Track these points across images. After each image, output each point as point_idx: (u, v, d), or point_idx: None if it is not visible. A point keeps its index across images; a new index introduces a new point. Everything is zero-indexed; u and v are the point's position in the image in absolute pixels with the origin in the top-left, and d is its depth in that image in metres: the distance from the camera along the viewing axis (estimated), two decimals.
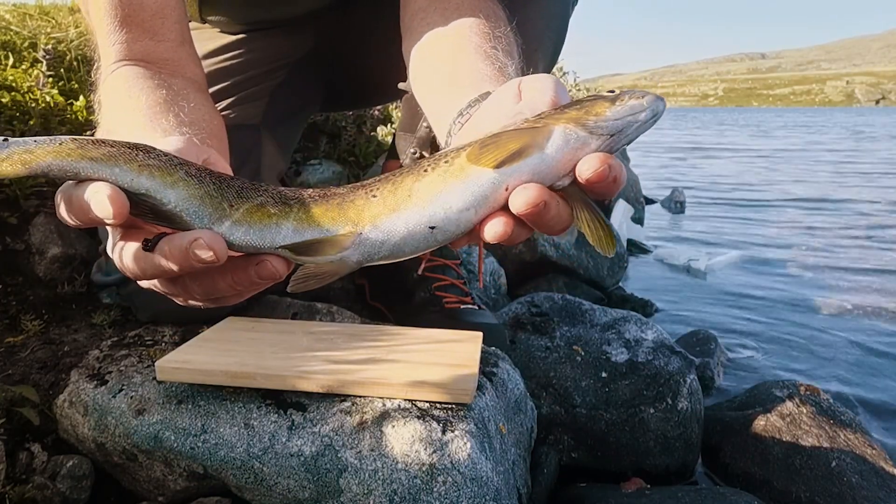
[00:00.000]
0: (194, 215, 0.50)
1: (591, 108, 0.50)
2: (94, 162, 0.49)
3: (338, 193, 0.53)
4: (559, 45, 1.13)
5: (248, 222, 0.51)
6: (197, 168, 0.52)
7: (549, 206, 0.48)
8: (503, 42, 0.75)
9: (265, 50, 1.20)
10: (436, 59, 0.78)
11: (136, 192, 0.49)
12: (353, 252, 0.52)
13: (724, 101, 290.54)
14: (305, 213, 0.52)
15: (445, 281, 1.28)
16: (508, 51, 0.74)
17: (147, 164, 0.50)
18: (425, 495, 0.72)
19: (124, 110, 0.70)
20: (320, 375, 0.80)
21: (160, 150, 0.52)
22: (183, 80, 0.78)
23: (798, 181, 6.45)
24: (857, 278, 2.74)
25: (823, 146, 12.12)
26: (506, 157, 0.49)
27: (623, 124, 0.50)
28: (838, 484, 1.09)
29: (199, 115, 0.71)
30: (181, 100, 0.71)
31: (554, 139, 0.49)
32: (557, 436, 1.19)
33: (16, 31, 1.59)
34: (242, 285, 0.52)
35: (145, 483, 0.84)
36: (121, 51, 0.76)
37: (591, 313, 1.38)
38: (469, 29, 0.76)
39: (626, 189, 3.59)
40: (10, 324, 1.07)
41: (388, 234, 0.51)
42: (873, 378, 1.75)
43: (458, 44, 0.75)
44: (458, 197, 0.50)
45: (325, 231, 0.51)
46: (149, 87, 0.72)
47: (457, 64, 0.73)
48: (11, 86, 1.28)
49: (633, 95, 0.51)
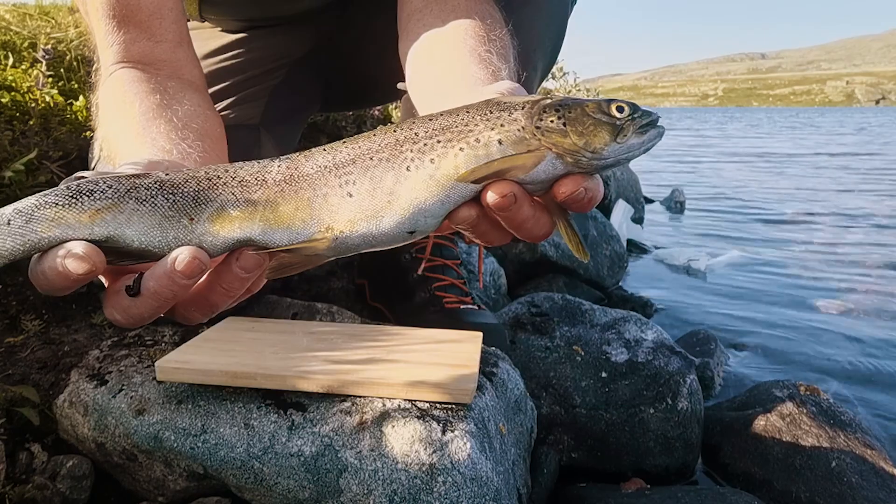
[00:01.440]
0: (160, 244, 0.49)
1: (591, 142, 0.50)
2: (48, 230, 0.46)
3: (306, 180, 0.51)
4: (558, 45, 1.13)
5: (212, 233, 0.50)
6: (147, 184, 0.49)
7: (521, 203, 0.50)
8: (498, 45, 0.75)
9: (265, 50, 1.20)
10: (431, 61, 0.78)
11: (97, 242, 0.47)
12: (328, 251, 0.52)
13: (724, 101, 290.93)
14: (273, 214, 0.51)
15: (445, 281, 1.28)
16: (503, 54, 0.74)
17: (96, 208, 0.47)
18: (425, 495, 0.72)
19: (119, 118, 0.71)
20: (320, 375, 0.80)
21: (107, 179, 0.49)
22: (179, 83, 0.78)
23: (798, 181, 6.45)
24: (858, 278, 2.74)
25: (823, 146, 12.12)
26: (494, 175, 0.50)
27: (615, 161, 0.51)
28: (838, 484, 1.09)
29: (192, 119, 0.71)
30: (175, 104, 0.71)
31: (545, 165, 0.50)
32: (557, 436, 1.19)
33: (16, 31, 1.59)
34: (232, 286, 0.51)
35: (145, 483, 0.84)
36: (118, 52, 0.76)
37: (591, 313, 1.38)
38: (464, 31, 0.76)
39: (626, 189, 3.59)
40: (10, 324, 1.07)
41: (365, 237, 0.51)
42: (873, 378, 1.75)
43: (453, 47, 0.75)
44: (439, 206, 0.51)
45: (297, 234, 0.51)
46: (143, 92, 0.72)
47: (451, 68, 0.73)
48: (11, 86, 1.28)
49: (636, 130, 0.51)
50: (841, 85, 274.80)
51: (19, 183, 1.15)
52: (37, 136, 1.19)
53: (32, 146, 1.16)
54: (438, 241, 1.28)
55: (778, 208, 4.67)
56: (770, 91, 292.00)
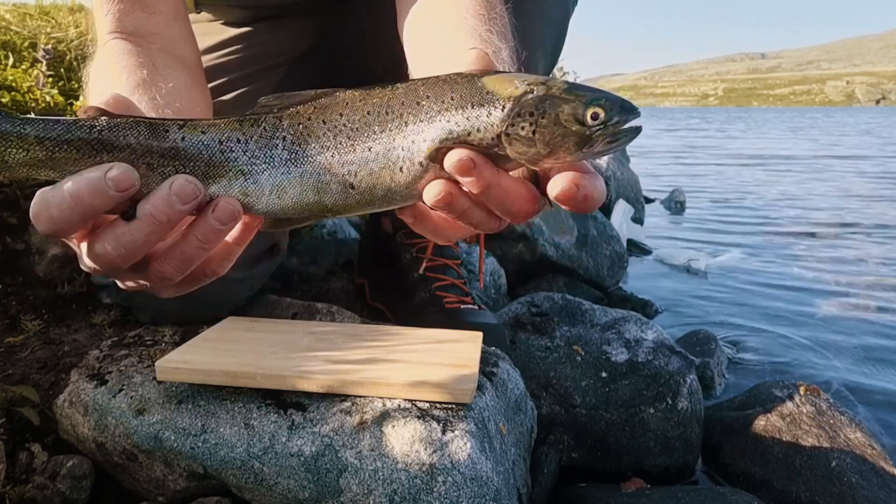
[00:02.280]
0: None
1: (555, 151, 0.48)
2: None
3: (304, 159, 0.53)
4: (559, 44, 1.13)
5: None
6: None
7: (482, 169, 0.48)
8: (498, 24, 0.74)
9: (265, 46, 1.20)
10: (432, 41, 0.77)
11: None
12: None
13: (724, 101, 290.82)
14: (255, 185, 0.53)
15: (446, 281, 1.28)
16: (503, 33, 0.73)
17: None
18: (425, 495, 0.72)
19: (104, 91, 0.70)
20: (320, 375, 0.80)
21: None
22: (169, 58, 0.78)
23: (798, 181, 6.45)
24: (858, 278, 2.74)
25: (825, 148, 12.12)
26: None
27: (572, 164, 0.50)
28: (838, 484, 1.09)
29: (175, 98, 0.71)
30: (160, 80, 0.71)
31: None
32: (557, 436, 1.19)
33: (16, 31, 1.59)
34: (207, 237, 0.51)
35: (145, 483, 0.84)
36: (112, 22, 0.76)
37: (591, 313, 1.38)
38: (465, 9, 0.75)
39: (626, 189, 3.59)
40: (10, 324, 1.07)
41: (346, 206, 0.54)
42: (873, 378, 1.75)
43: (455, 24, 0.74)
44: (411, 182, 0.51)
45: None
46: (130, 66, 0.71)
47: (452, 47, 0.72)
48: (11, 85, 1.28)
49: (606, 139, 0.49)
50: (841, 85, 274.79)
51: (19, 183, 1.15)
52: None
53: None
54: None
55: (778, 208, 4.67)
56: (770, 91, 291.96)
